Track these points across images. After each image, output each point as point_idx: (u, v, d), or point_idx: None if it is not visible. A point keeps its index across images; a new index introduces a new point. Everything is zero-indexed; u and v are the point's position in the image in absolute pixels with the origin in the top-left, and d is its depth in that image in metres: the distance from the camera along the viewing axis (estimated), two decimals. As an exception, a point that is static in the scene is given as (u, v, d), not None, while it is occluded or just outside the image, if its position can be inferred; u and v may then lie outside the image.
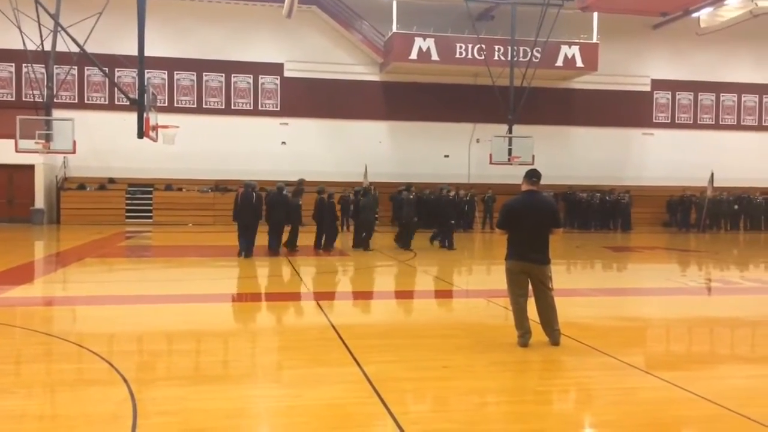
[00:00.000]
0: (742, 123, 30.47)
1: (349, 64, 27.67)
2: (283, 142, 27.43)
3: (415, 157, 27.64)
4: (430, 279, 11.89)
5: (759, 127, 30.53)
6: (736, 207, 26.33)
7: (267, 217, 14.80)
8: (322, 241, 15.64)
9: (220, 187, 26.25)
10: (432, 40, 25.73)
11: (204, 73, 27.03)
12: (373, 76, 27.99)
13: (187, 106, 26.85)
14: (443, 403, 4.74)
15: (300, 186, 15.96)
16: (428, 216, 18.47)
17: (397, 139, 28.03)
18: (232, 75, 27.25)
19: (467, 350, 6.14)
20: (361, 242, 15.90)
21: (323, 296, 9.46)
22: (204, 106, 27.06)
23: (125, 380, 5.01)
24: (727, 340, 7.25)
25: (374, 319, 8.16)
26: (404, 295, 10.20)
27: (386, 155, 27.57)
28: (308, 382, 5.06)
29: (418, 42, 25.63)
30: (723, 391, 4.98)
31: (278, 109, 27.52)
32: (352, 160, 26.70)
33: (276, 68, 27.41)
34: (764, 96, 30.54)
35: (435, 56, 25.82)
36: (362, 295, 10.22)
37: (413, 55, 25.65)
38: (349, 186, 25.47)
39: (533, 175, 6.44)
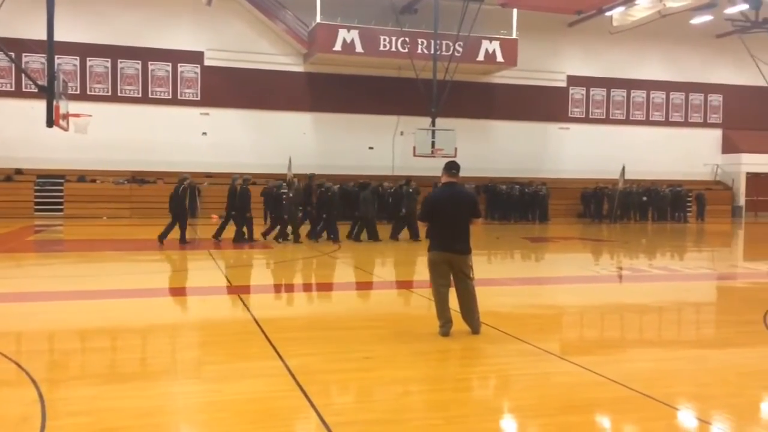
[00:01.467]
0: (650, 119, 32.03)
1: (272, 54, 27.26)
2: (204, 133, 26.78)
3: (340, 149, 27.58)
4: (354, 271, 11.92)
5: (666, 123, 32.19)
6: (644, 199, 27.68)
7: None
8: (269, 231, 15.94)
9: (137, 178, 25.37)
10: (356, 31, 25.69)
11: (119, 60, 25.99)
12: (297, 67, 27.70)
13: (101, 94, 25.76)
14: (366, 394, 4.78)
15: (310, 181, 16.52)
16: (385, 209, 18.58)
17: (322, 131, 27.88)
18: (150, 62, 26.33)
19: (389, 341, 6.21)
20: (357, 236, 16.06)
21: (245, 290, 9.32)
22: (119, 94, 26.02)
23: (34, 381, 4.78)
24: (636, 326, 7.62)
25: (297, 312, 8.11)
26: (327, 287, 10.18)
27: (310, 147, 27.37)
28: (229, 377, 4.98)
29: (342, 33, 25.54)
30: (630, 373, 5.23)
31: (198, 98, 26.82)
32: (276, 151, 26.35)
33: (196, 56, 26.68)
34: (671, 93, 32.20)
35: (359, 48, 25.80)
36: (285, 288, 10.15)
37: (337, 47, 25.54)
38: (272, 178, 25.17)
39: (452, 167, 6.55)
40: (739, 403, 4.64)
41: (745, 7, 26.99)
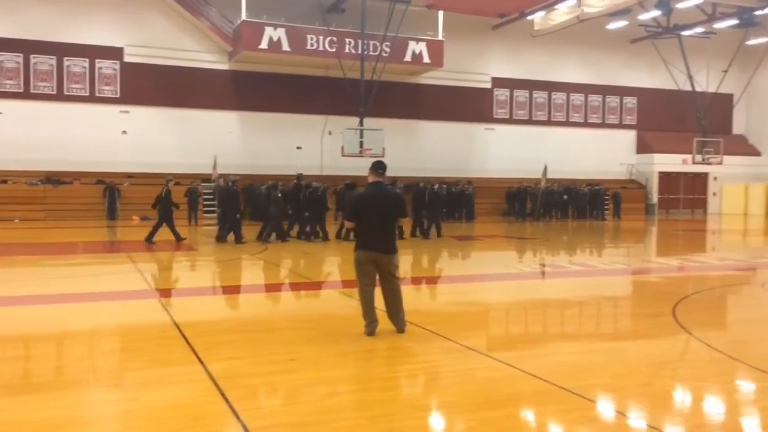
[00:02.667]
0: (570, 120, 33.19)
1: (196, 51, 26.65)
2: (124, 131, 25.90)
3: (267, 149, 27.26)
4: (281, 272, 11.79)
5: (585, 124, 33.43)
6: (565, 197, 28.64)
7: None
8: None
9: (51, 179, 24.26)
10: (283, 30, 25.44)
11: (32, 55, 24.80)
12: (222, 65, 27.18)
13: (12, 90, 24.52)
14: (290, 397, 4.73)
15: (298, 181, 16.48)
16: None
17: (248, 130, 27.47)
18: (65, 58, 25.24)
19: (315, 342, 6.17)
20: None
21: (166, 293, 9.06)
22: (32, 90, 24.83)
23: (-68, 395, 4.49)
24: (556, 320, 7.87)
25: (220, 315, 7.94)
26: (252, 289, 10.01)
27: (237, 146, 26.93)
28: (146, 385, 4.82)
29: (269, 31, 25.24)
30: (549, 367, 5.39)
31: (118, 96, 25.92)
32: (200, 151, 25.78)
33: (115, 52, 25.76)
34: (589, 95, 33.45)
35: (286, 47, 25.56)
36: (208, 291, 9.93)
37: (263, 45, 25.23)
38: (196, 177, 24.63)
39: (379, 167, 6.57)
40: (650, 392, 4.86)
41: (657, 13, 28.35)
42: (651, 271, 12.72)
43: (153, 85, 26.08)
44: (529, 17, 28.46)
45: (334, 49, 25.50)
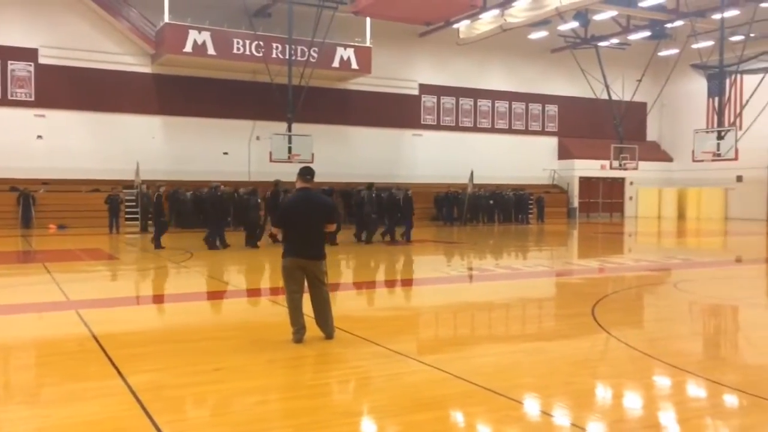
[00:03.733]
0: (495, 126, 33.99)
1: (116, 53, 25.78)
2: (40, 136, 24.74)
3: (193, 154, 26.65)
4: (206, 280, 11.52)
5: (509, 131, 34.31)
6: (491, 202, 29.27)
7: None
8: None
9: (-41, 186, 22.91)
10: (208, 33, 24.95)
11: (-64, 55, 23.39)
12: (144, 68, 26.39)
13: None
14: (215, 407, 4.61)
15: (275, 187, 16.64)
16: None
17: (173, 135, 26.76)
18: (-26, 59, 23.91)
19: (242, 350, 6.06)
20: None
21: (84, 304, 8.68)
22: (-64, 92, 23.40)
23: None
24: (482, 323, 8.02)
25: (141, 326, 7.66)
26: (176, 298, 9.72)
27: (161, 152, 26.20)
28: (61, 400, 4.60)
29: (193, 34, 24.70)
30: (475, 369, 5.49)
31: (32, 99, 24.75)
32: (122, 156, 24.99)
33: (29, 54, 24.60)
34: (513, 102, 34.38)
35: (211, 50, 25.08)
36: (129, 301, 9.59)
37: (188, 48, 24.67)
38: (117, 184, 23.85)
39: (306, 173, 6.52)
40: (572, 390, 5.02)
41: (575, 24, 29.46)
42: (572, 272, 13.16)
43: (70, 88, 25.05)
44: (455, 26, 29.02)
45: (261, 54, 25.21)
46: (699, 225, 29.41)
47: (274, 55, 25.69)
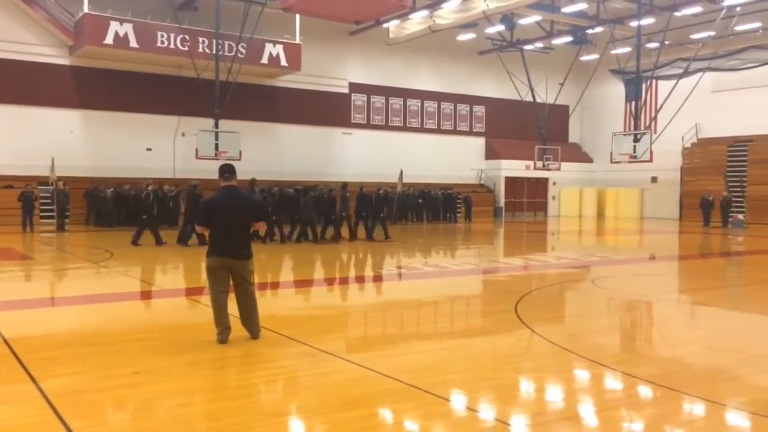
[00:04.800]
0: (424, 126, 34.37)
1: (32, 44, 24.52)
2: (-55, 130, 23.30)
3: (114, 150, 25.71)
4: (126, 280, 11.13)
5: (438, 131, 34.76)
6: (420, 201, 29.59)
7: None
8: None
9: None
10: (130, 25, 24.09)
11: None
12: (62, 60, 25.24)
13: None
14: (134, 412, 4.47)
15: (251, 185, 16.97)
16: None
17: (92, 130, 25.72)
18: None
19: (163, 352, 5.89)
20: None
21: (-5, 307, 8.24)
22: None
23: None
24: (408, 321, 8.09)
25: (56, 329, 7.32)
26: (94, 299, 9.31)
27: (79, 147, 25.15)
28: (-34, 409, 4.35)
29: (114, 26, 23.78)
30: (400, 366, 5.54)
31: (-62, 90, 23.25)
32: (36, 151, 23.83)
33: (-67, 41, 23.10)
34: (442, 103, 34.85)
35: (134, 43, 24.23)
36: (44, 302, 9.15)
37: (109, 40, 23.74)
38: (31, 180, 22.75)
39: (225, 171, 6.40)
40: (495, 385, 5.14)
41: (501, 27, 30.13)
42: (497, 270, 13.48)
43: (-20, 79, 23.68)
44: (385, 25, 29.16)
45: (186, 48, 24.57)
46: (617, 224, 30.69)
47: (200, 50, 25.09)
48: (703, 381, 5.35)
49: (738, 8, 25.72)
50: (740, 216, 27.22)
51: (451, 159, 34.45)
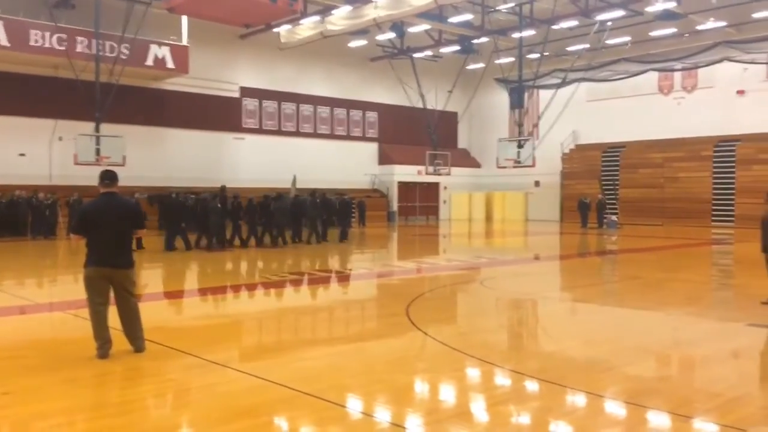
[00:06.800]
0: (318, 131, 34.28)
1: None
2: None
3: (-19, 155, 23.79)
4: (-2, 295, 10.31)
5: (331, 136, 34.78)
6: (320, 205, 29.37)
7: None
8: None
9: None
10: (0, 22, 22.41)
11: None
12: None
13: None
14: (1, 437, 4.13)
15: (222, 192, 17.86)
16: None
17: (-44, 134, 23.68)
18: None
19: (37, 371, 5.50)
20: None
21: None
22: None
23: None
24: (302, 327, 8.02)
25: None
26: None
27: (-60, 152, 23.07)
28: None
29: (-19, 22, 22.05)
30: (291, 374, 5.47)
31: None
32: None
33: None
34: (335, 108, 34.91)
35: (4, 41, 22.58)
36: None
37: (-26, 37, 21.98)
38: None
39: (105, 177, 6.09)
40: (386, 387, 5.19)
41: (392, 35, 30.63)
42: (391, 274, 13.64)
43: None
44: (276, 30, 28.83)
45: (63, 48, 23.17)
46: (504, 226, 31.96)
47: (78, 50, 23.72)
48: (582, 373, 5.65)
49: (609, 23, 27.52)
50: (614, 217, 29.09)
51: (345, 164, 34.55)
